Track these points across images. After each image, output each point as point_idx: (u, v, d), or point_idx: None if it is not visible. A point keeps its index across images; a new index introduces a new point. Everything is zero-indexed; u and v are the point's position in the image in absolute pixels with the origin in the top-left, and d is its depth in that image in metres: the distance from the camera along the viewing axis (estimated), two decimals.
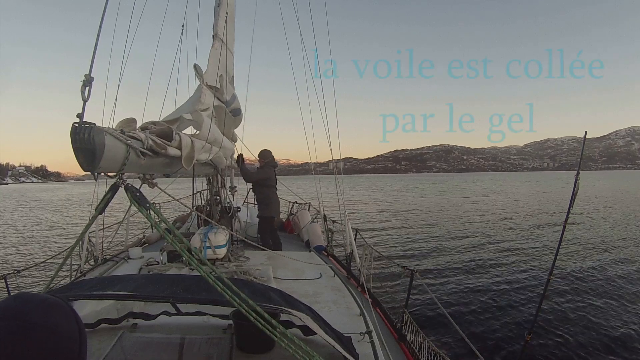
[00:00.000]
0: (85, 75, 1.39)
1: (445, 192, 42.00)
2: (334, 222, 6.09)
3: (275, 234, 5.06)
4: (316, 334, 1.60)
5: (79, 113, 1.37)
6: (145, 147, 1.80)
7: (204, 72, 3.47)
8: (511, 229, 14.72)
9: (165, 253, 3.98)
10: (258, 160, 5.20)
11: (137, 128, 1.92)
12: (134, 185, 1.58)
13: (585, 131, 3.06)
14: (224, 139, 3.70)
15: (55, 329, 0.65)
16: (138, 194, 1.52)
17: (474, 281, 7.78)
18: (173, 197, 2.85)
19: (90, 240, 4.60)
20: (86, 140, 1.36)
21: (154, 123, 2.29)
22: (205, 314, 2.22)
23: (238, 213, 5.37)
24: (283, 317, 1.79)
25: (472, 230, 14.42)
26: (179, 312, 2.14)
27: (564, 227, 2.85)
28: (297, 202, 7.84)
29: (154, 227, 4.84)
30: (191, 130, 3.26)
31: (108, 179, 1.60)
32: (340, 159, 4.97)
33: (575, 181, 2.57)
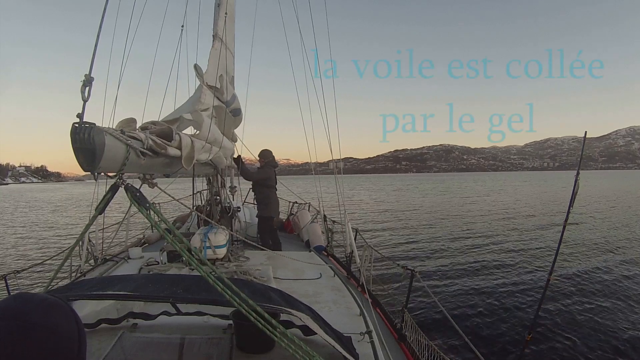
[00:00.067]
0: (85, 75, 1.39)
1: (446, 192, 41.99)
2: (334, 222, 6.09)
3: (274, 234, 5.06)
4: (316, 334, 1.60)
5: (79, 113, 1.37)
6: (145, 147, 1.80)
7: (204, 72, 3.48)
8: (511, 229, 14.71)
9: (165, 253, 3.98)
10: (258, 160, 5.21)
11: (137, 128, 1.92)
12: (134, 185, 1.58)
13: (585, 131, 3.06)
14: (224, 139, 3.70)
15: (55, 329, 0.65)
16: (138, 194, 1.52)
17: (474, 281, 7.78)
18: (173, 197, 2.85)
19: (90, 240, 4.60)
20: (86, 140, 1.36)
21: (154, 123, 2.30)
22: (205, 314, 2.22)
23: (238, 213, 5.37)
24: (283, 317, 1.79)
25: (472, 231, 14.41)
26: (179, 312, 2.14)
27: (564, 227, 2.85)
28: (297, 202, 7.84)
29: (154, 227, 4.84)
30: (191, 130, 3.26)
31: (108, 179, 1.60)
32: (340, 159, 4.97)
33: (575, 181, 2.57)
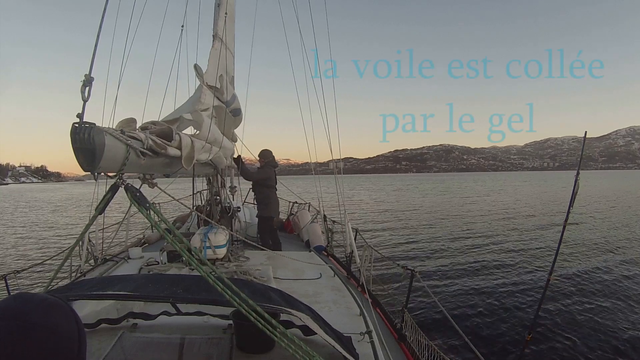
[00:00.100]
0: (85, 75, 1.39)
1: (446, 192, 41.98)
2: (334, 222, 6.09)
3: (274, 234, 5.06)
4: (316, 334, 1.60)
5: (79, 113, 1.37)
6: (145, 147, 1.80)
7: (204, 72, 3.47)
8: (511, 229, 14.71)
9: (165, 253, 3.98)
10: (258, 160, 5.21)
11: (137, 128, 1.92)
12: (134, 185, 1.58)
13: (585, 131, 3.06)
14: (224, 139, 3.70)
15: (55, 329, 0.65)
16: (138, 194, 1.52)
17: (474, 281, 7.77)
18: (173, 197, 2.85)
19: (90, 240, 4.60)
20: (86, 140, 1.36)
21: (154, 123, 2.30)
22: (205, 314, 2.22)
23: (238, 213, 5.37)
24: (283, 317, 1.79)
25: (472, 231, 14.41)
26: (179, 312, 2.14)
27: (564, 227, 2.85)
28: (297, 202, 7.84)
29: (154, 227, 4.83)
30: (191, 130, 3.26)
31: (108, 179, 1.60)
32: (340, 159, 4.96)
33: (575, 181, 2.57)
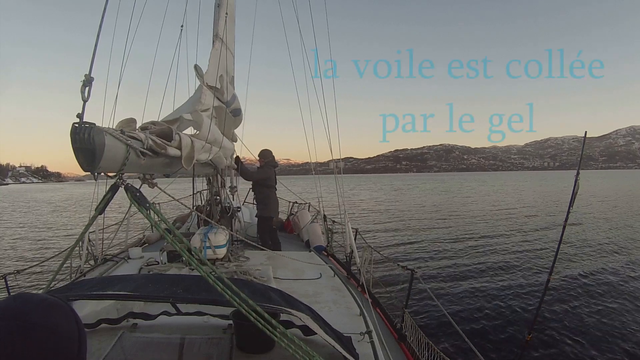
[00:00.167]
0: (85, 75, 1.39)
1: (446, 192, 41.98)
2: (334, 222, 6.09)
3: (274, 234, 5.06)
4: (316, 334, 1.60)
5: (79, 113, 1.37)
6: (145, 147, 1.80)
7: (204, 72, 3.47)
8: (511, 229, 14.71)
9: (165, 253, 3.98)
10: (258, 160, 5.21)
11: (137, 128, 1.92)
12: (134, 185, 1.58)
13: (586, 131, 3.07)
14: (224, 139, 3.70)
15: (55, 329, 0.65)
16: (138, 194, 1.52)
17: (474, 281, 7.77)
18: (173, 197, 2.85)
19: (90, 240, 4.60)
20: (86, 140, 1.36)
21: (153, 123, 2.29)
22: (205, 314, 2.22)
23: (238, 213, 5.37)
24: (283, 317, 1.79)
25: (472, 231, 14.41)
26: (179, 312, 2.14)
27: (563, 228, 2.86)
28: (297, 202, 7.84)
29: (154, 227, 4.83)
30: (191, 130, 3.26)
31: (108, 179, 1.60)
32: (340, 159, 4.96)
33: (575, 181, 2.57)
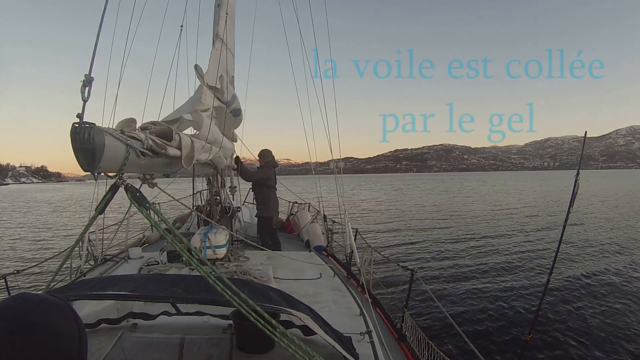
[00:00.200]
0: (85, 75, 1.39)
1: (446, 192, 41.98)
2: (334, 222, 6.09)
3: (274, 234, 5.06)
4: (316, 334, 1.60)
5: (79, 113, 1.37)
6: (145, 147, 1.80)
7: (204, 72, 3.47)
8: (511, 229, 14.70)
9: (165, 253, 3.98)
10: (258, 160, 5.21)
11: (137, 128, 1.92)
12: (134, 185, 1.58)
13: (586, 131, 3.07)
14: (224, 139, 3.70)
15: (55, 329, 0.65)
16: (138, 194, 1.52)
17: (474, 281, 7.77)
18: (173, 197, 2.86)
19: (90, 240, 4.60)
20: (86, 140, 1.36)
21: (153, 123, 2.29)
22: (205, 314, 2.22)
23: (238, 213, 5.38)
24: (283, 317, 1.79)
25: (472, 231, 14.41)
26: (179, 312, 2.14)
27: (563, 228, 2.85)
28: (297, 202, 7.84)
29: (154, 227, 4.83)
30: (191, 130, 3.26)
31: (108, 179, 1.60)
32: (340, 159, 4.96)
33: (575, 181, 2.56)
